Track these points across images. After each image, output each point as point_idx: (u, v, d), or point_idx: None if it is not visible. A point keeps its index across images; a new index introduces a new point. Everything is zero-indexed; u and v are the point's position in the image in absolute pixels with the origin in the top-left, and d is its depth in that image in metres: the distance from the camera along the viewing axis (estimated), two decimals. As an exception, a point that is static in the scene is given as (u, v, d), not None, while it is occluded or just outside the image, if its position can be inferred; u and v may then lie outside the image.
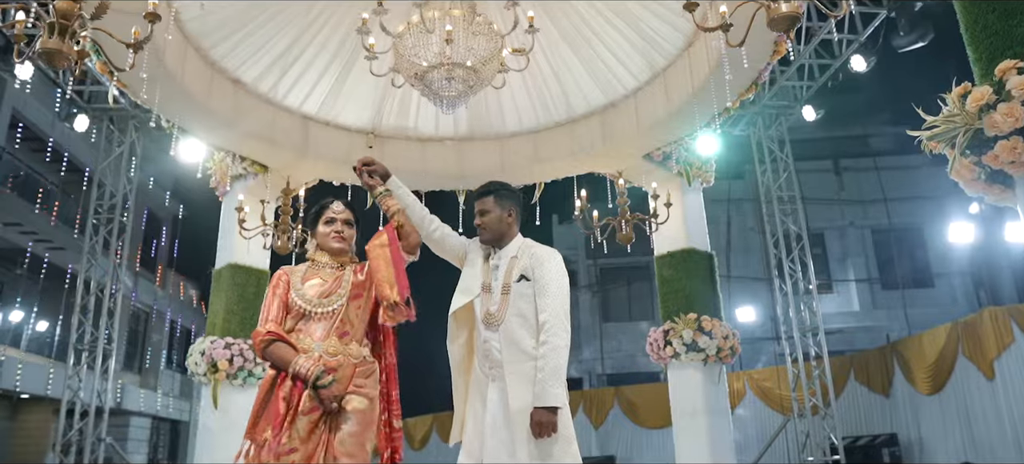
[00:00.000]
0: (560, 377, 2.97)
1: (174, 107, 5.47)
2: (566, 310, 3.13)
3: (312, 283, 3.15)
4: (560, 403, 2.95)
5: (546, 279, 3.15)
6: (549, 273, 3.16)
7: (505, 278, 3.25)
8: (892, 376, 11.67)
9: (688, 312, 7.21)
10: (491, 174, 7.33)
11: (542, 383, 2.96)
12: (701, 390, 7.17)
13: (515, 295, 3.17)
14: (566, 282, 3.21)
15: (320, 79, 6.45)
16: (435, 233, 3.50)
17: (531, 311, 3.13)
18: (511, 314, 3.15)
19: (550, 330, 3.04)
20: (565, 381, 3.02)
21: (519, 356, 3.08)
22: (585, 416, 17.13)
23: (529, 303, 3.14)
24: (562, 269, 3.22)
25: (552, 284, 3.13)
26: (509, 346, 3.11)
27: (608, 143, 6.82)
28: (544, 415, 2.91)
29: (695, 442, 7.09)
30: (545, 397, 2.93)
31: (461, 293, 3.37)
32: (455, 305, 3.35)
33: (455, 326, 3.36)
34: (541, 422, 2.91)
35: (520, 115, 7.15)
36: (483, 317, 3.26)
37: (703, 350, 7.12)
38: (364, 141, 7.05)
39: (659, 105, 6.25)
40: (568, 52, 6.42)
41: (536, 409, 2.93)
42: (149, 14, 3.72)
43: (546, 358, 2.99)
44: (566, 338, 3.07)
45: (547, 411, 2.92)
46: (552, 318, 3.06)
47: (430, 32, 4.75)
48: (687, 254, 7.42)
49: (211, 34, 5.53)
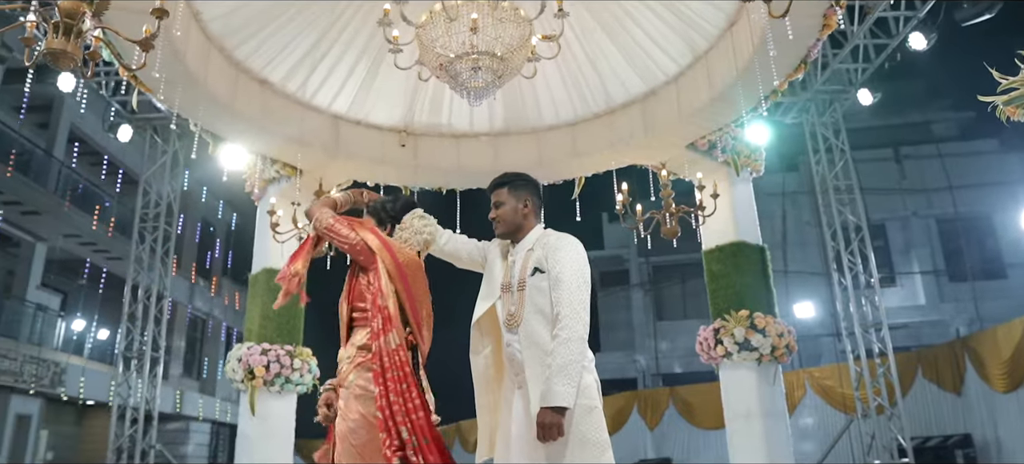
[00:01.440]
0: (569, 374, 2.66)
1: (200, 110, 5.37)
2: (583, 301, 2.82)
3: None
4: (567, 402, 2.63)
5: (559, 268, 2.86)
6: (563, 262, 2.88)
7: (521, 273, 2.99)
8: (964, 373, 10.99)
9: (739, 309, 6.82)
10: (528, 169, 6.96)
11: (548, 380, 2.67)
12: (755, 391, 6.77)
13: (531, 290, 2.91)
14: (584, 270, 2.90)
15: (349, 77, 6.31)
16: (447, 245, 3.35)
17: (548, 305, 2.84)
18: (529, 312, 2.88)
19: (563, 323, 2.75)
20: (577, 377, 2.69)
21: (540, 357, 2.79)
22: (640, 417, 16.80)
23: (546, 297, 2.86)
24: (578, 256, 2.92)
25: (565, 273, 2.85)
26: (530, 346, 2.84)
27: (649, 133, 6.50)
28: (549, 416, 2.62)
29: (750, 446, 6.70)
30: (550, 396, 2.64)
31: (482, 299, 3.14)
32: (477, 313, 3.11)
33: (478, 336, 3.11)
34: (544, 424, 2.62)
35: (557, 107, 6.89)
36: (505, 320, 3.01)
37: (756, 349, 6.72)
38: (397, 139, 6.88)
39: (701, 90, 5.90)
40: (604, 39, 6.13)
41: (541, 409, 2.65)
42: (157, 10, 3.57)
43: (555, 353, 2.70)
44: (581, 330, 2.76)
45: (552, 411, 2.62)
46: (565, 310, 2.77)
47: (453, 20, 4.53)
48: (737, 248, 7.03)
49: (235, 34, 5.42)
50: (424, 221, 3.34)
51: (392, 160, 6.89)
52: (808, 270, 17.25)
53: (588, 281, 2.90)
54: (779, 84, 5.49)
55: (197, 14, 5.06)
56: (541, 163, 6.99)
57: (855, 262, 9.64)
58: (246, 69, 5.77)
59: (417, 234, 3.27)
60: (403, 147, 6.88)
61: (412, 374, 2.93)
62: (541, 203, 3.27)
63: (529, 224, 3.13)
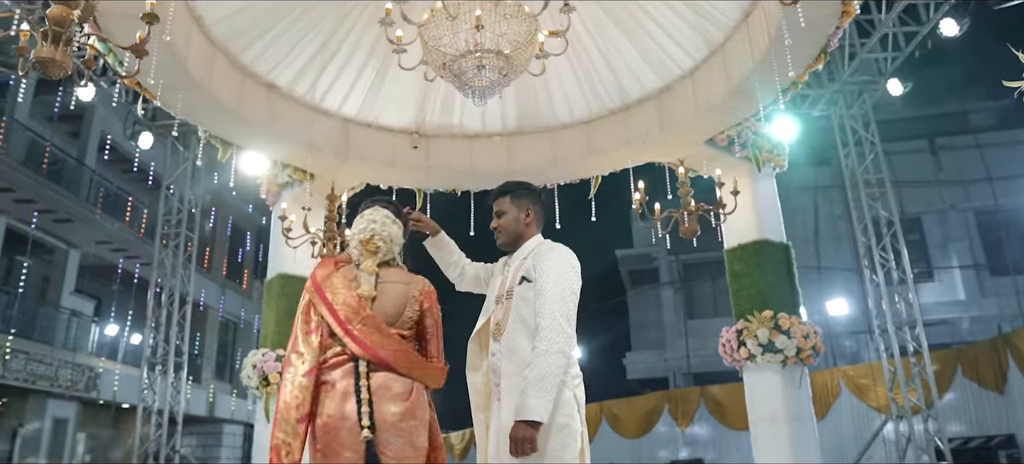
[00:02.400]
0: (545, 387, 2.54)
1: (205, 116, 5.33)
2: (567, 313, 2.70)
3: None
4: (540, 417, 2.50)
5: (544, 278, 2.75)
6: (548, 271, 2.77)
7: (511, 282, 2.90)
8: (1006, 370, 10.59)
9: (763, 310, 6.60)
10: (542, 170, 6.95)
11: (523, 393, 2.55)
12: (781, 394, 6.54)
13: (516, 299, 2.81)
14: (570, 280, 2.79)
15: (358, 79, 6.22)
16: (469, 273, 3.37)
17: (532, 316, 2.73)
18: (512, 321, 2.79)
19: (542, 334, 2.64)
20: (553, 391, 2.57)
21: (519, 367, 2.69)
22: (671, 418, 16.57)
23: (530, 307, 2.75)
24: (566, 266, 2.81)
25: (549, 283, 2.73)
26: (509, 356, 2.75)
27: (666, 129, 6.31)
28: (522, 430, 2.50)
29: (776, 451, 6.47)
30: (524, 409, 2.52)
31: (483, 313, 3.05)
32: (476, 328, 3.03)
33: (476, 350, 3.01)
34: (516, 437, 2.49)
35: (571, 105, 6.73)
36: (492, 329, 2.92)
37: (781, 351, 6.49)
38: (408, 141, 6.78)
39: (718, 84, 5.70)
40: (617, 34, 5.96)
41: (515, 423, 2.53)
42: (147, 15, 3.50)
43: (532, 365, 2.58)
44: (561, 343, 2.63)
45: (525, 425, 2.49)
46: (546, 321, 2.66)
47: (453, 18, 4.41)
48: (760, 246, 6.81)
49: (239, 37, 5.36)
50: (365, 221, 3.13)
51: (404, 162, 6.79)
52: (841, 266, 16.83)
53: (576, 293, 2.80)
54: (799, 75, 5.28)
55: (199, 18, 5.01)
56: (556, 162, 6.85)
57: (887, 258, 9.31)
58: (252, 73, 5.71)
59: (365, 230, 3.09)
60: (415, 149, 6.78)
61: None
62: (544, 212, 3.19)
63: (530, 234, 3.06)
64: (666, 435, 16.52)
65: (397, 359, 2.89)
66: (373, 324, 2.92)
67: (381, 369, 2.87)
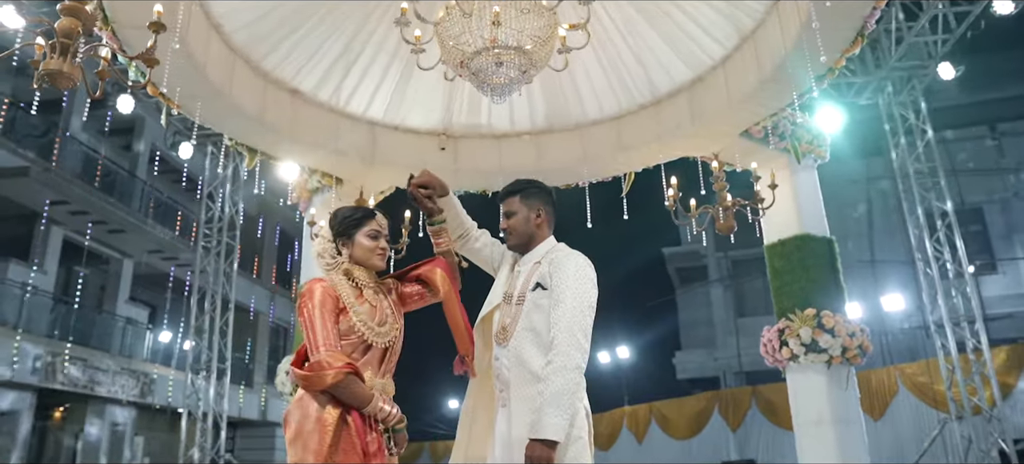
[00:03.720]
0: (562, 404, 2.43)
1: (227, 123, 5.34)
2: (584, 326, 2.57)
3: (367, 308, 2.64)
4: (559, 436, 2.40)
5: (562, 288, 2.62)
6: (566, 282, 2.63)
7: (522, 287, 2.78)
8: (1079, 367, 10.00)
9: (805, 307, 6.33)
10: (572, 168, 6.81)
11: (539, 410, 2.43)
12: (826, 396, 6.26)
13: (528, 306, 2.70)
14: (589, 292, 2.65)
15: (382, 81, 6.17)
16: (476, 244, 3.16)
17: (545, 326, 2.62)
18: (521, 328, 2.68)
19: (558, 348, 2.52)
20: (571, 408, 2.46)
21: (526, 378, 2.60)
22: (721, 418, 16.24)
23: (544, 316, 2.64)
24: (584, 276, 2.68)
25: (567, 294, 2.60)
26: (516, 365, 2.64)
27: (698, 122, 6.09)
28: (539, 450, 2.38)
29: (822, 456, 6.19)
30: (541, 427, 2.40)
31: (486, 305, 2.94)
32: (480, 314, 2.92)
33: (479, 342, 2.89)
34: (534, 457, 2.38)
35: (600, 101, 6.56)
36: (496, 333, 2.81)
37: (825, 350, 6.21)
38: (436, 143, 6.70)
39: (750, 74, 5.47)
40: (645, 26, 5.78)
41: (530, 441, 2.42)
42: (153, 24, 3.48)
43: (549, 381, 2.47)
44: (578, 358, 2.52)
45: (542, 445, 2.38)
46: (562, 334, 2.53)
47: (468, 16, 4.30)
48: (801, 241, 6.53)
49: (259, 44, 5.35)
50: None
51: (432, 165, 6.61)
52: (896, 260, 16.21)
53: (593, 306, 2.67)
54: (835, 61, 5.02)
55: (218, 26, 5.01)
56: (586, 160, 6.69)
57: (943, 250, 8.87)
58: (275, 80, 5.71)
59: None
60: (443, 151, 6.71)
61: None
62: (555, 212, 3.05)
63: (541, 235, 2.93)
64: (717, 436, 16.18)
65: None
66: None
67: None
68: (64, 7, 3.46)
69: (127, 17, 4.22)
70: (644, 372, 25.58)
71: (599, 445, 18.44)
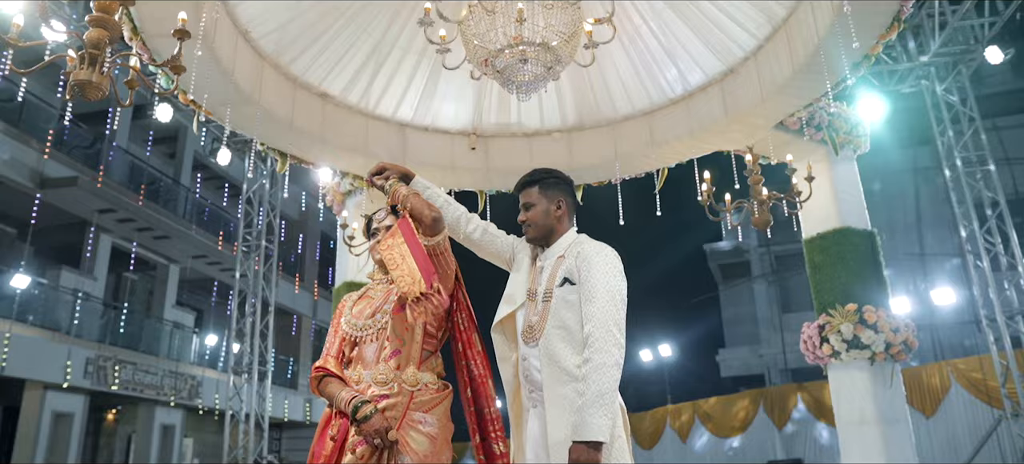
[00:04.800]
0: (605, 403, 2.35)
1: (257, 128, 5.39)
2: (618, 320, 2.48)
3: (362, 305, 2.83)
4: (604, 437, 2.32)
5: (593, 282, 2.52)
6: (596, 275, 2.54)
7: (548, 283, 2.67)
8: None
9: (846, 303, 6.16)
10: (604, 165, 6.73)
11: (582, 411, 2.35)
12: (870, 394, 6.08)
13: (557, 302, 2.59)
14: (619, 285, 2.56)
15: (411, 82, 6.18)
16: (474, 233, 2.98)
17: (576, 322, 2.53)
18: (551, 326, 2.57)
19: (595, 345, 2.42)
20: (614, 407, 2.38)
21: (560, 377, 2.49)
22: (767, 416, 15.95)
23: (574, 312, 2.54)
24: (614, 269, 2.58)
25: (599, 288, 2.51)
26: (549, 364, 2.54)
27: (731, 115, 5.96)
28: (584, 452, 2.30)
29: (866, 456, 6.01)
30: (585, 429, 2.32)
31: (505, 302, 2.83)
32: (497, 316, 2.81)
33: (502, 343, 2.81)
34: (580, 460, 2.30)
35: (631, 97, 6.47)
36: (523, 331, 2.71)
37: (868, 346, 6.03)
38: (466, 143, 6.69)
39: (783, 64, 5.33)
40: (674, 19, 5.68)
41: (575, 444, 2.33)
42: (177, 32, 3.53)
43: (589, 380, 2.38)
44: (617, 354, 2.43)
45: (587, 447, 2.30)
46: (598, 330, 2.44)
47: (491, 14, 4.27)
48: (841, 235, 6.36)
49: (288, 49, 5.40)
50: None
51: (463, 165, 6.70)
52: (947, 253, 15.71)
53: (624, 298, 2.57)
54: (871, 48, 4.86)
55: (246, 32, 5.06)
56: (617, 157, 6.61)
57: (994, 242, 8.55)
58: (305, 84, 5.75)
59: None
60: (473, 150, 6.69)
61: None
62: (575, 203, 2.93)
63: (562, 227, 2.80)
64: (762, 434, 15.87)
65: None
66: None
67: None
68: (92, 18, 3.51)
69: (156, 27, 4.29)
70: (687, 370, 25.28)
71: (642, 444, 18.26)
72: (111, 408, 16.99)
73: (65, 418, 14.01)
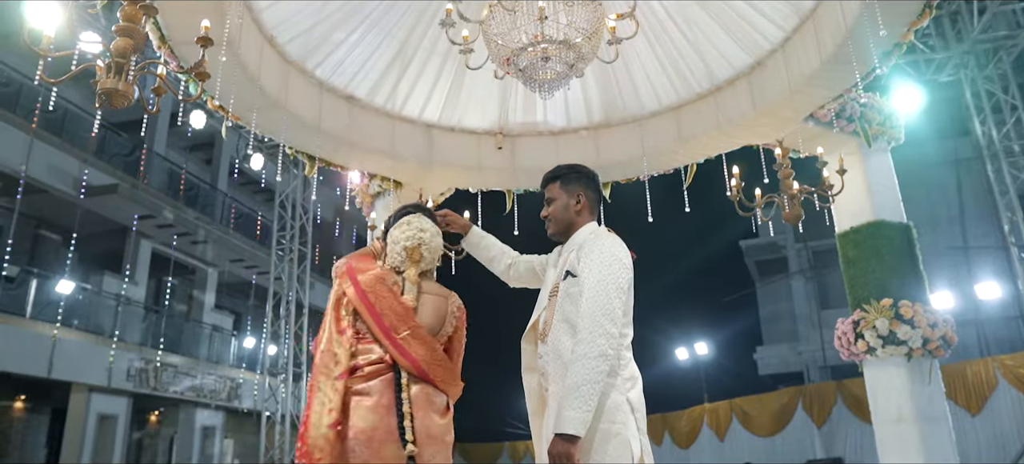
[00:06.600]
0: (581, 396, 2.29)
1: (284, 132, 5.45)
2: (607, 310, 2.42)
3: None
4: (575, 430, 2.26)
5: (586, 273, 2.50)
6: (590, 266, 2.51)
7: (557, 278, 2.68)
8: None
9: (881, 298, 6.01)
10: (631, 163, 6.68)
11: (560, 403, 2.33)
12: (907, 391, 5.92)
13: (562, 296, 2.59)
14: (615, 273, 2.51)
15: (436, 83, 6.20)
16: (510, 270, 3.17)
17: (577, 314, 2.50)
18: (557, 320, 2.57)
19: (580, 338, 2.40)
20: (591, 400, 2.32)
21: (562, 370, 2.48)
22: (805, 414, 15.72)
23: (576, 304, 2.51)
24: (610, 257, 2.53)
25: (590, 279, 2.48)
26: (554, 359, 2.54)
27: (759, 109, 5.86)
28: (557, 445, 2.27)
29: (904, 456, 5.85)
30: (560, 421, 2.30)
31: (536, 310, 2.84)
32: (529, 325, 2.82)
33: (530, 351, 2.81)
34: (553, 453, 2.27)
35: (657, 92, 6.41)
36: (541, 329, 2.72)
37: (904, 342, 5.87)
38: (493, 143, 6.69)
39: (811, 55, 5.22)
40: (700, 12, 5.61)
41: (553, 437, 2.31)
42: (201, 39, 3.58)
43: (570, 372, 2.35)
44: (602, 345, 2.37)
45: (561, 440, 2.26)
46: (585, 322, 2.41)
47: (512, 12, 4.26)
48: (875, 228, 6.21)
49: (313, 54, 5.46)
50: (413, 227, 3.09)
51: (490, 165, 6.70)
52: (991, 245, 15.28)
53: (621, 287, 2.50)
54: (902, 35, 4.74)
55: (271, 38, 5.13)
56: (645, 153, 6.54)
57: (1038, 233, 8.29)
58: (331, 88, 5.80)
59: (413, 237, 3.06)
60: (500, 150, 6.68)
61: None
62: (599, 198, 2.91)
63: (581, 221, 2.79)
64: (801, 432, 15.64)
65: (439, 373, 2.84)
66: (420, 335, 2.85)
67: (419, 381, 2.79)
68: (118, 28, 3.58)
69: (183, 34, 4.36)
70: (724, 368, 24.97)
71: (680, 444, 18.08)
72: (153, 410, 17.38)
73: (109, 420, 14.37)
